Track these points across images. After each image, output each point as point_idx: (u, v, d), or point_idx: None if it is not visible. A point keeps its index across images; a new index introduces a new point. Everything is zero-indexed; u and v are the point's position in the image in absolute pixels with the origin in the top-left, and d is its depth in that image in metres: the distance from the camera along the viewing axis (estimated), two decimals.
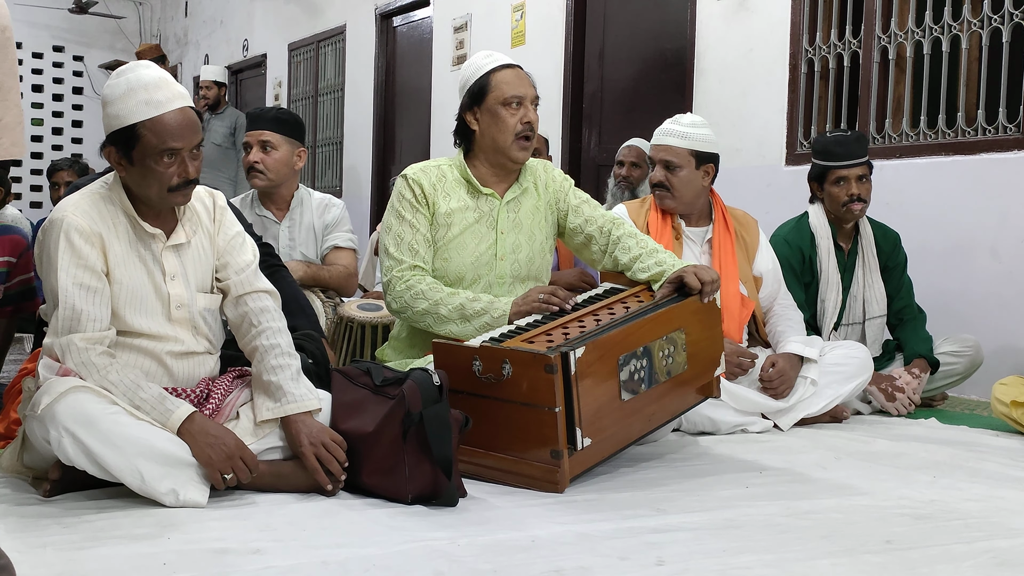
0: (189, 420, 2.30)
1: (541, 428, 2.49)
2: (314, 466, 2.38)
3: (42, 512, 2.19)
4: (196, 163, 2.42)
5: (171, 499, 2.23)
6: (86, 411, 2.20)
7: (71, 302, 2.33)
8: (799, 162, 5.17)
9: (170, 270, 2.47)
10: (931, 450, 3.13)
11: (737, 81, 5.55)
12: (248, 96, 11.68)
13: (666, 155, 3.56)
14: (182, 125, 2.37)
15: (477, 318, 2.86)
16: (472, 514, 2.28)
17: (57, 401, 2.20)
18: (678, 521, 2.25)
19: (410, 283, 2.94)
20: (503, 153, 3.04)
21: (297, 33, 10.37)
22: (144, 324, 2.43)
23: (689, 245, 3.56)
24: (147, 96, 2.36)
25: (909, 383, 3.78)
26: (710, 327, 2.93)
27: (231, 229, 2.61)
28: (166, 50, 13.49)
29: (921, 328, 4.01)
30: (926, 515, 2.36)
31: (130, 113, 2.36)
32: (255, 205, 3.96)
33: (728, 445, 3.14)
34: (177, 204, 2.46)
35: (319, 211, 3.99)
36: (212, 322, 2.57)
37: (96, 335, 2.33)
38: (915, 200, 4.66)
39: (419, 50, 8.50)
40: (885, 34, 4.90)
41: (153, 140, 2.35)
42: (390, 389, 2.44)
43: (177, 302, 2.47)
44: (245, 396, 2.51)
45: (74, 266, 2.34)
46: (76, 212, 2.38)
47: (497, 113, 3.02)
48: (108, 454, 2.19)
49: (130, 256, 2.43)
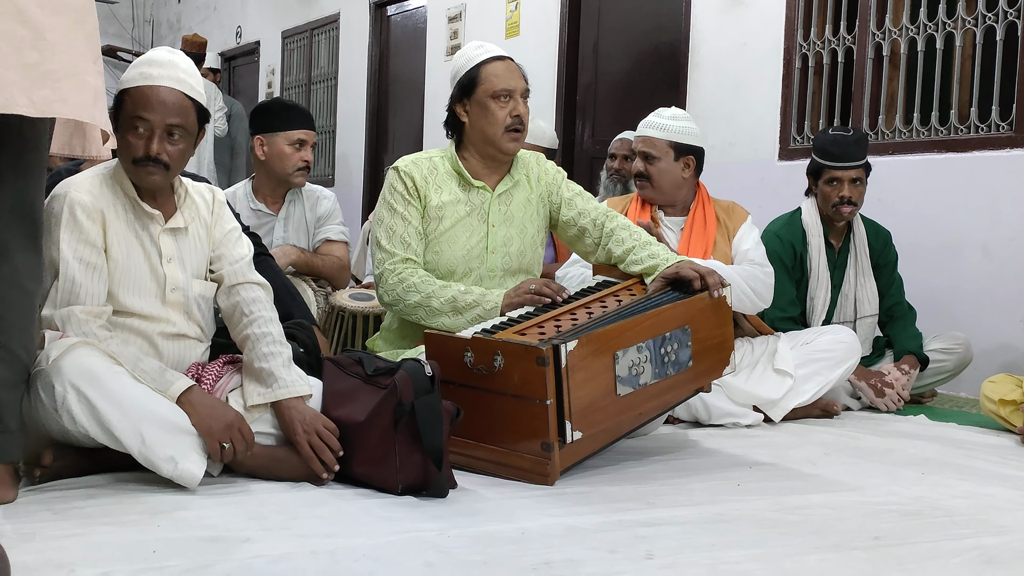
0: (188, 391, 2.31)
1: (532, 420, 2.48)
2: (308, 454, 2.38)
3: (32, 499, 2.18)
4: (170, 147, 2.41)
5: (169, 467, 2.23)
6: (92, 367, 2.21)
7: (71, 275, 2.35)
8: (792, 157, 5.17)
9: (167, 253, 2.49)
10: (920, 447, 3.15)
11: (731, 75, 5.55)
12: (241, 83, 11.65)
13: (645, 146, 3.63)
14: (157, 100, 2.40)
15: (469, 310, 2.86)
16: (462, 505, 2.28)
17: (63, 356, 2.20)
18: (668, 515, 2.25)
19: (402, 276, 2.93)
20: (493, 145, 3.03)
21: (291, 20, 10.34)
22: (138, 304, 2.45)
23: (666, 234, 3.57)
24: (145, 70, 2.43)
25: (898, 379, 3.79)
26: (719, 325, 2.89)
27: (227, 224, 2.64)
28: (158, 36, 13.46)
29: (911, 324, 4.03)
30: (914, 512, 2.37)
31: (124, 81, 2.45)
32: (250, 199, 3.94)
33: (718, 440, 3.15)
34: (143, 183, 2.45)
35: (310, 203, 3.97)
36: (205, 310, 2.59)
37: (95, 309, 2.36)
38: (907, 197, 4.67)
39: (413, 40, 8.48)
40: (880, 30, 4.90)
41: (128, 106, 2.42)
42: (382, 379, 2.43)
43: (172, 284, 2.49)
44: (235, 382, 2.51)
45: (76, 240, 2.37)
46: (80, 188, 2.42)
47: (486, 106, 3.01)
48: (113, 413, 2.20)
49: (128, 235, 2.45)
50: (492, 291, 2.89)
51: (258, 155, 3.87)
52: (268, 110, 3.99)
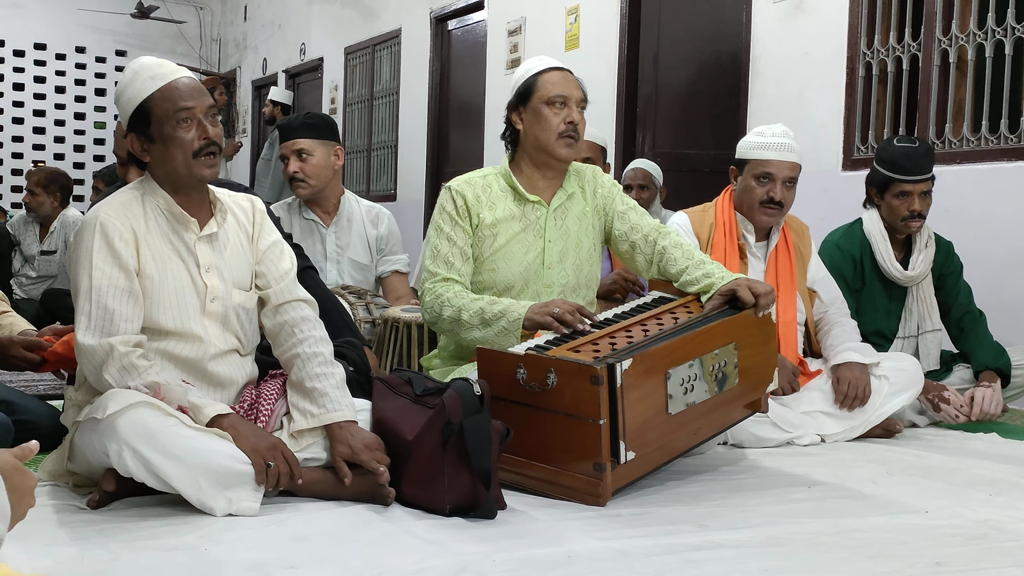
0: (231, 415, 2.32)
1: (584, 440, 2.45)
2: (376, 468, 2.34)
3: (83, 519, 2.20)
4: (216, 129, 2.44)
5: (224, 506, 2.24)
6: (148, 426, 2.21)
7: (104, 301, 2.33)
8: (856, 167, 5.07)
9: (204, 262, 2.47)
10: (988, 466, 3.03)
11: (793, 85, 5.46)
12: (305, 99, 11.77)
13: (791, 172, 3.45)
14: (189, 87, 2.44)
15: (496, 322, 2.82)
16: (510, 527, 2.25)
17: (119, 415, 2.20)
18: (720, 538, 2.20)
19: (438, 292, 2.93)
20: (547, 151, 3.02)
21: (353, 37, 10.43)
22: (176, 322, 2.41)
23: (753, 263, 3.49)
24: (151, 73, 2.44)
25: (985, 395, 3.63)
26: (764, 342, 2.86)
27: (270, 236, 2.61)
28: (225, 54, 13.68)
29: (984, 335, 3.87)
30: (979, 535, 2.28)
31: (138, 92, 2.43)
32: (302, 209, 4.00)
33: (777, 458, 3.08)
34: (204, 176, 2.45)
35: (370, 220, 4.07)
36: (245, 320, 2.54)
37: (133, 338, 2.34)
38: (976, 207, 4.55)
39: (473, 54, 8.50)
40: (946, 36, 4.79)
41: (166, 105, 2.40)
42: (430, 399, 2.42)
43: (212, 294, 2.46)
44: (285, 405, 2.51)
45: (108, 264, 2.35)
46: (110, 211, 2.40)
47: (540, 112, 3.01)
48: (170, 467, 2.20)
49: (164, 248, 2.43)
50: (519, 302, 2.85)
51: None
52: (280, 128, 4.16)
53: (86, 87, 13.46)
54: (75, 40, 13.27)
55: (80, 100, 13.40)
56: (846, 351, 3.43)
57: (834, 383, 3.38)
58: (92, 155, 13.37)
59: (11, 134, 13.06)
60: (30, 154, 13.03)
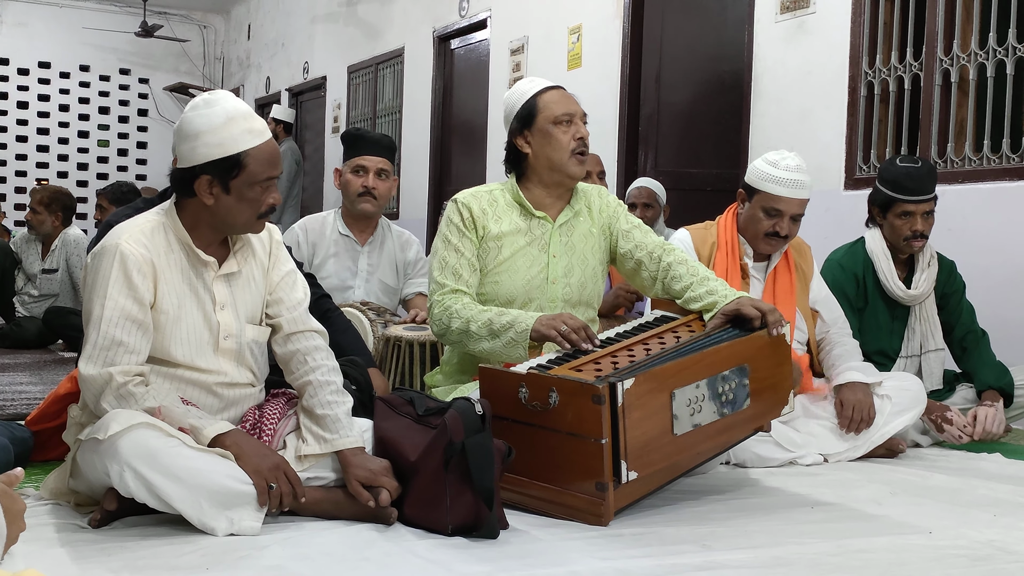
0: (233, 432, 2.32)
1: (586, 459, 2.44)
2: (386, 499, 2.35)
3: (85, 538, 2.20)
4: (277, 195, 2.46)
5: (226, 527, 2.23)
6: (149, 446, 2.21)
7: (112, 332, 2.32)
8: (859, 187, 5.08)
9: (220, 299, 2.47)
10: (993, 487, 3.02)
11: (795, 104, 5.47)
12: (308, 118, 11.81)
13: (800, 209, 3.40)
14: (275, 154, 2.43)
15: (504, 333, 2.81)
16: (512, 547, 2.24)
17: (120, 436, 2.20)
18: (723, 558, 2.19)
19: (446, 304, 2.92)
20: (560, 171, 3.02)
21: (356, 55, 10.46)
22: (189, 356, 2.42)
23: (754, 284, 3.49)
24: (248, 125, 2.37)
25: (957, 420, 3.62)
26: (778, 363, 2.82)
27: (285, 266, 2.61)
28: (228, 73, 13.74)
29: (987, 355, 3.86)
30: (984, 556, 2.27)
31: (235, 141, 2.35)
32: (338, 223, 4.05)
33: (780, 478, 3.07)
34: (256, 231, 2.49)
35: (400, 245, 4.17)
36: (258, 354, 2.56)
37: (134, 368, 2.33)
38: (978, 226, 4.55)
39: (476, 73, 8.52)
40: (947, 56, 4.80)
41: (256, 168, 2.37)
42: (432, 419, 2.41)
43: (226, 332, 2.47)
44: (293, 424, 2.51)
45: (123, 296, 2.33)
46: (131, 240, 2.37)
47: (549, 132, 3.01)
48: (171, 488, 2.20)
49: (181, 285, 2.42)
50: (527, 313, 2.85)
51: (335, 184, 4.09)
52: (343, 140, 4.17)
53: (90, 105, 13.51)
54: (79, 59, 13.33)
55: (84, 118, 13.46)
56: (848, 370, 3.43)
57: (837, 407, 3.38)
58: (96, 173, 13.41)
59: (15, 152, 13.11)
60: (34, 172, 13.08)
